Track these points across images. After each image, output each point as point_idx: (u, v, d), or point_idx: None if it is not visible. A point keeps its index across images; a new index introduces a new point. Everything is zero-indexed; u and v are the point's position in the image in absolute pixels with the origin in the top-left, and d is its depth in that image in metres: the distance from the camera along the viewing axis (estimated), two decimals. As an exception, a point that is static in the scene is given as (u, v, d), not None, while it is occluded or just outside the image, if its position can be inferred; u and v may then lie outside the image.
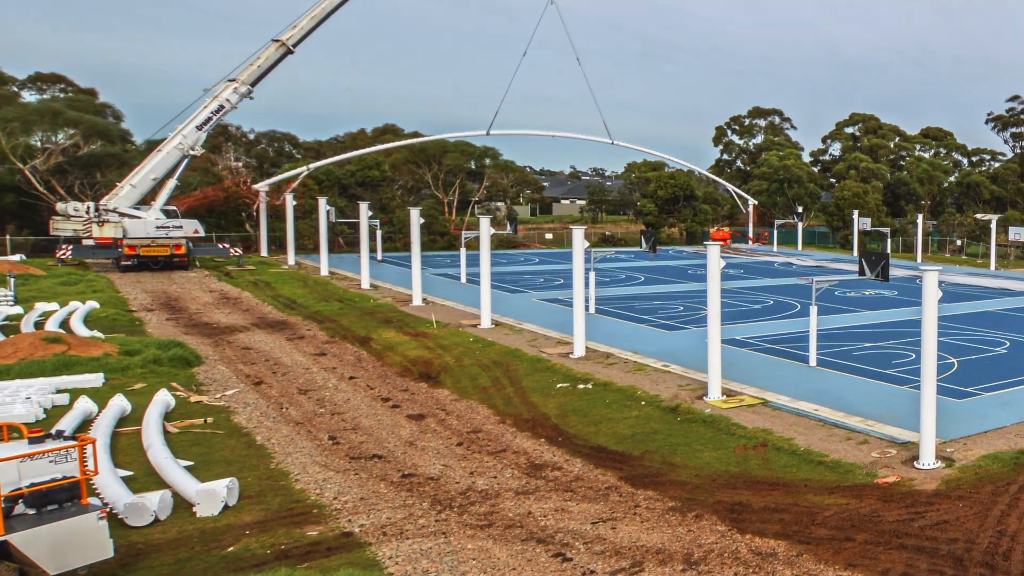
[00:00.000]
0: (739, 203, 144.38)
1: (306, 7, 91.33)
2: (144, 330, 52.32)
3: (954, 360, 45.58)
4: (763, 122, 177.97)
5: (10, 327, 50.23)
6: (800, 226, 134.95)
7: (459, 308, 63.41)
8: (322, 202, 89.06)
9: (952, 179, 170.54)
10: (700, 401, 36.78)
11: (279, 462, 28.87)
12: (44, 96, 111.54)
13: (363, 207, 77.02)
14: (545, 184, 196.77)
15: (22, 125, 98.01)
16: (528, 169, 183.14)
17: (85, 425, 31.53)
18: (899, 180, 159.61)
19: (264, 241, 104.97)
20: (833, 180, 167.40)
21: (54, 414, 33.11)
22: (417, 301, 65.28)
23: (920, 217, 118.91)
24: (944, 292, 31.42)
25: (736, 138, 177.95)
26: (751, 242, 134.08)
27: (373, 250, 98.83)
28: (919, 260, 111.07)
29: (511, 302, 66.58)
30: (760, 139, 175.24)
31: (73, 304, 57.90)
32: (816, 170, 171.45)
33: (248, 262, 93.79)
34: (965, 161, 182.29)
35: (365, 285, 75.02)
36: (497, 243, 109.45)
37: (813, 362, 44.18)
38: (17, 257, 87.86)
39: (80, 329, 49.64)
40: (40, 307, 56.47)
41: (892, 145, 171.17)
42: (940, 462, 29.01)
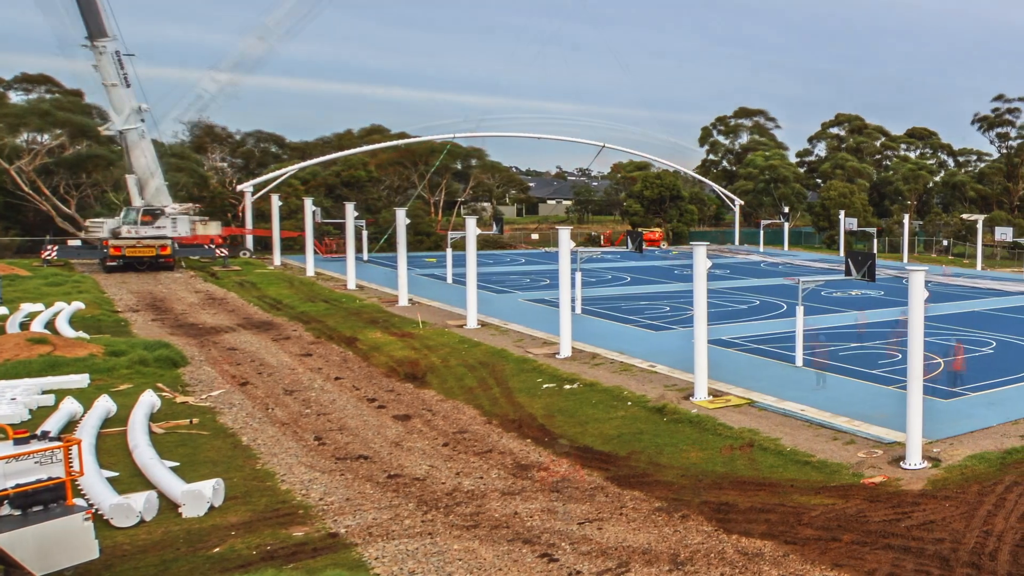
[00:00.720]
0: (727, 203, 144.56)
1: None
2: (130, 331, 52.21)
3: (940, 360, 45.71)
4: (749, 122, 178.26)
5: (-5, 328, 50.11)
6: (786, 226, 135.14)
7: (445, 308, 63.41)
8: (308, 202, 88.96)
9: (938, 179, 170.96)
10: (686, 401, 36.82)
11: (265, 463, 28.83)
12: (31, 97, 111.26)
13: (349, 208, 76.93)
14: (531, 184, 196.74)
15: (8, 126, 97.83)
16: (514, 169, 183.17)
17: (70, 426, 31.44)
18: (885, 180, 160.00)
19: (250, 241, 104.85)
20: (819, 180, 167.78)
21: (39, 415, 33.01)
22: (403, 302, 65.27)
23: (906, 217, 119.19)
24: (931, 292, 31.52)
25: (722, 138, 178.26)
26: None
27: (359, 250, 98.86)
28: (905, 260, 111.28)
29: (497, 302, 66.59)
30: (746, 139, 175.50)
31: (59, 305, 57.74)
32: (802, 170, 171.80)
33: (234, 263, 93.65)
34: (951, 161, 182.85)
35: (351, 286, 74.97)
36: (483, 244, 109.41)
37: (799, 362, 44.26)
38: None
39: (66, 330, 49.51)
40: (25, 308, 56.27)
41: (878, 144, 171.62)
42: (926, 462, 29.08)
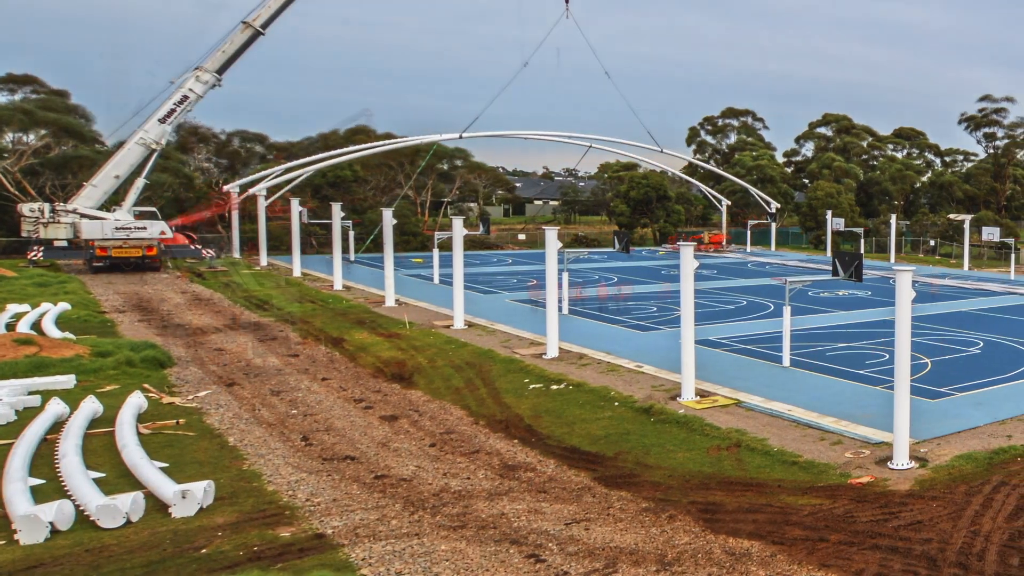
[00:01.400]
0: (714, 203, 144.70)
1: None
2: (116, 332, 52.08)
3: (928, 360, 45.80)
4: (736, 122, 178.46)
5: (-20, 329, 49.93)
6: (773, 227, 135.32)
7: (432, 309, 63.38)
8: (294, 202, 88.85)
9: (925, 179, 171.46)
10: (674, 402, 36.85)
11: (251, 463, 28.78)
12: (15, 97, 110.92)
13: (335, 208, 76.83)
14: (517, 185, 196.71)
15: None
16: (501, 170, 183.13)
17: (57, 427, 31.35)
18: (872, 180, 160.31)
19: (236, 242, 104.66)
20: (806, 180, 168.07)
21: (25, 416, 32.92)
22: (390, 302, 65.24)
23: (893, 217, 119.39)
24: (917, 292, 31.57)
25: (709, 138, 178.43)
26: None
27: (345, 251, 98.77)
28: (892, 260, 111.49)
29: (484, 303, 66.59)
30: (733, 139, 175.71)
31: (45, 305, 57.53)
32: (789, 170, 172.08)
33: (220, 263, 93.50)
34: (938, 161, 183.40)
35: (338, 286, 74.91)
36: (470, 244, 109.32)
37: (787, 362, 44.32)
38: None
39: (52, 331, 49.36)
40: (12, 308, 56.08)
41: (865, 145, 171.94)
42: (914, 462, 29.13)
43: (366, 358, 45.83)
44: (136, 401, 34.17)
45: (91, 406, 33.29)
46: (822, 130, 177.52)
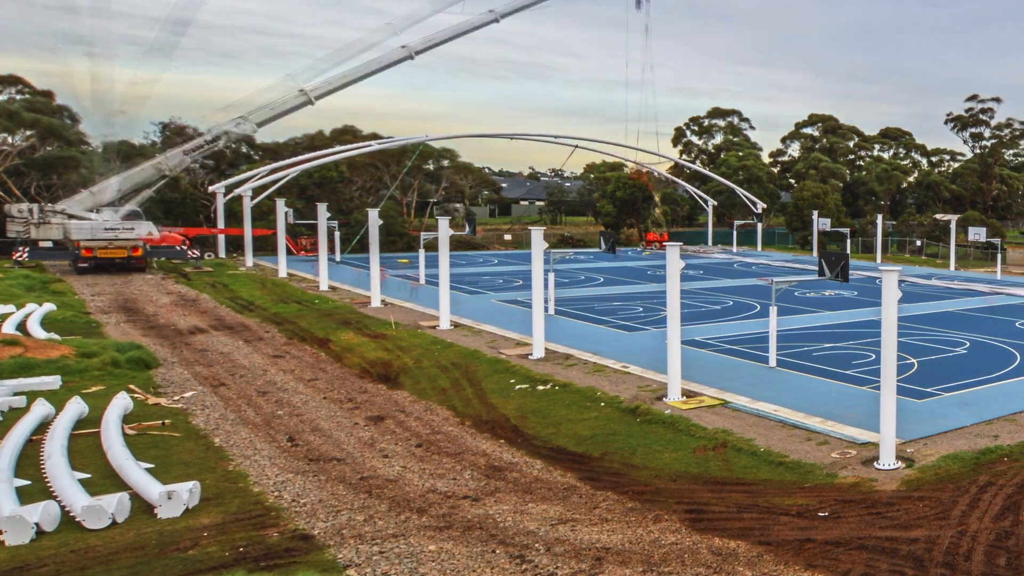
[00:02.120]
0: (700, 203, 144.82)
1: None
2: (102, 332, 51.96)
3: (914, 360, 45.88)
4: (722, 122, 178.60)
5: (-35, 329, 49.74)
6: (760, 227, 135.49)
7: (418, 309, 63.35)
8: (280, 203, 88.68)
9: (911, 179, 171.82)
10: (660, 402, 36.86)
11: (237, 464, 28.73)
12: (1, 98, 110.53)
13: (321, 208, 76.71)
14: (503, 185, 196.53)
15: None
16: (487, 170, 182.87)
17: (42, 428, 31.25)
18: (858, 180, 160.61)
19: (222, 242, 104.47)
20: (792, 181, 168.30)
21: (11, 417, 32.80)
22: (376, 303, 65.18)
23: (879, 217, 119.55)
24: (904, 292, 31.63)
25: (695, 139, 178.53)
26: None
27: (331, 251, 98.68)
28: (878, 260, 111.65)
29: (470, 303, 66.56)
30: (719, 139, 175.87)
31: (30, 306, 57.34)
32: (775, 171, 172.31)
33: (206, 264, 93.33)
34: (924, 161, 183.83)
35: (323, 287, 74.83)
36: (456, 245, 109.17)
37: (773, 363, 44.36)
38: None
39: (37, 331, 49.23)
40: (-4, 309, 56.00)
41: (851, 145, 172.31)
42: (900, 462, 29.17)
43: (352, 359, 45.78)
44: (122, 402, 34.08)
45: (76, 407, 33.20)
46: (809, 130, 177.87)
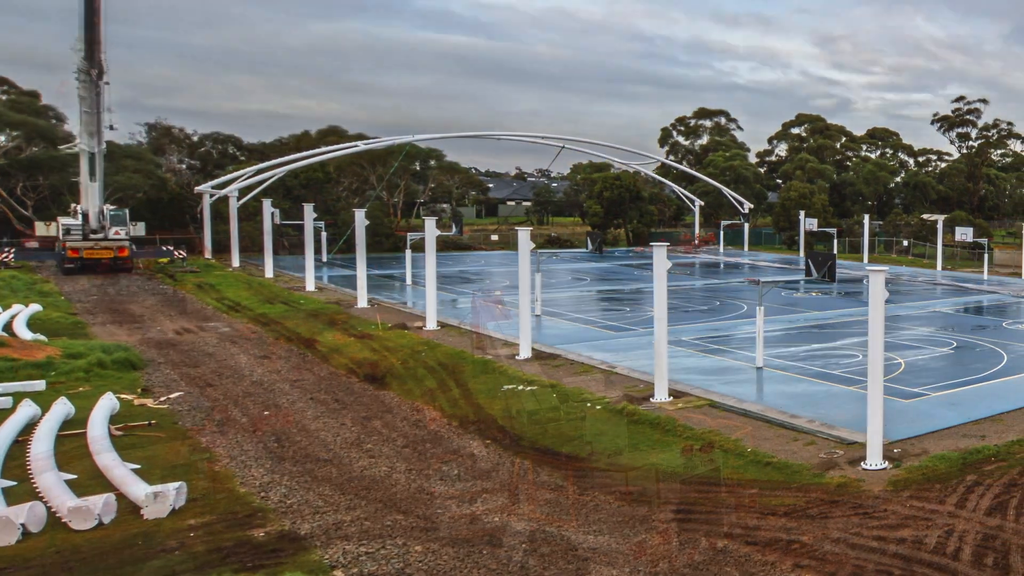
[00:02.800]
0: (687, 203, 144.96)
1: None
2: (88, 333, 51.85)
3: (901, 360, 45.96)
4: (709, 123, 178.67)
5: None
6: (746, 227, 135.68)
7: (405, 310, 63.30)
8: (266, 203, 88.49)
9: (899, 179, 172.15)
10: (647, 402, 36.87)
11: (224, 465, 28.68)
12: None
13: (308, 209, 76.59)
14: (490, 185, 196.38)
15: None
16: (473, 171, 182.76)
17: (28, 429, 31.16)
18: (845, 180, 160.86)
19: (208, 243, 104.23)
20: (779, 181, 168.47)
21: (-4, 418, 32.75)
22: (362, 303, 65.12)
23: (866, 217, 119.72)
24: (890, 292, 31.64)
25: (682, 139, 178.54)
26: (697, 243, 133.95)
27: (318, 252, 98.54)
28: (865, 261, 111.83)
29: (457, 304, 66.51)
30: (706, 140, 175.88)
31: (16, 307, 57.16)
32: (762, 171, 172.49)
33: (192, 264, 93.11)
34: (911, 161, 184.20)
35: (310, 287, 74.72)
36: (442, 245, 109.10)
37: (760, 363, 44.40)
38: None
39: (23, 332, 49.09)
40: (-18, 310, 55.82)
41: (838, 146, 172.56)
42: (887, 462, 29.20)
43: (339, 359, 45.73)
44: (108, 403, 34.02)
45: (63, 408, 33.13)
46: (796, 130, 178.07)
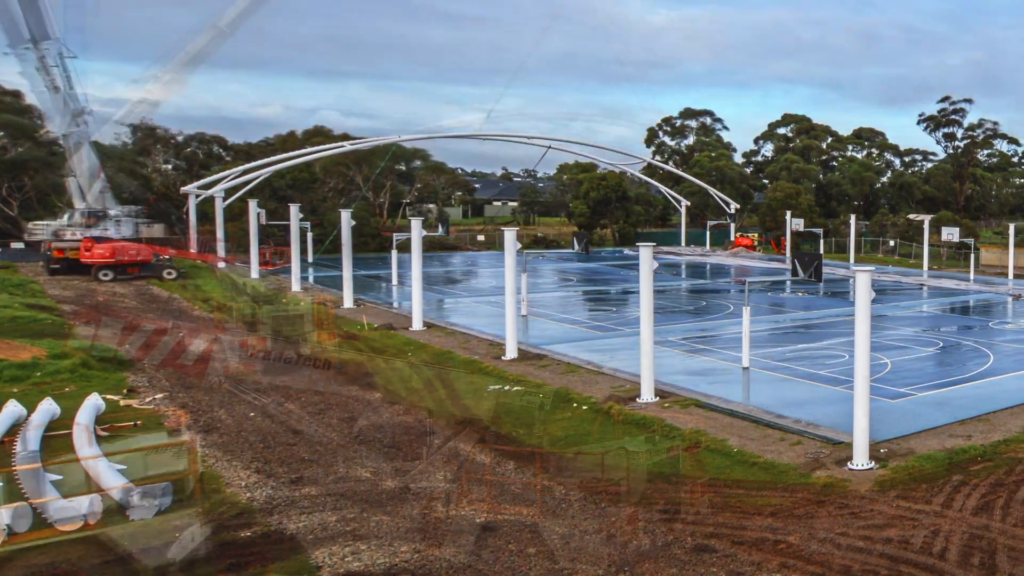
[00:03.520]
0: (673, 204, 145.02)
1: None
2: (73, 334, 51.67)
3: (888, 360, 46.04)
4: (695, 123, 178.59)
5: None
6: (733, 227, 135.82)
7: (391, 311, 63.25)
8: (252, 204, 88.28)
9: (885, 180, 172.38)
10: (633, 402, 36.90)
11: (210, 465, 28.64)
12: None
13: (294, 209, 76.48)
14: (477, 186, 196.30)
15: None
16: (459, 171, 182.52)
17: (14, 429, 31.06)
18: (831, 181, 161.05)
19: (193, 244, 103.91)
20: (765, 181, 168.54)
21: (-19, 419, 32.64)
22: (349, 303, 65.06)
23: (853, 218, 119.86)
24: (877, 292, 31.71)
25: (668, 139, 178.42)
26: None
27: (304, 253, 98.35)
28: (851, 260, 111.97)
29: (443, 304, 66.50)
30: (692, 140, 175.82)
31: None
32: (748, 171, 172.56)
33: (179, 263, 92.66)
34: (897, 161, 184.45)
35: (296, 288, 74.59)
36: (429, 245, 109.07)
37: (746, 363, 44.43)
38: None
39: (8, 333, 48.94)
40: (-34, 312, 55.59)
41: (824, 146, 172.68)
42: (874, 462, 29.28)
43: (324, 359, 45.66)
44: (94, 403, 33.93)
45: (48, 408, 33.04)
46: (782, 131, 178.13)
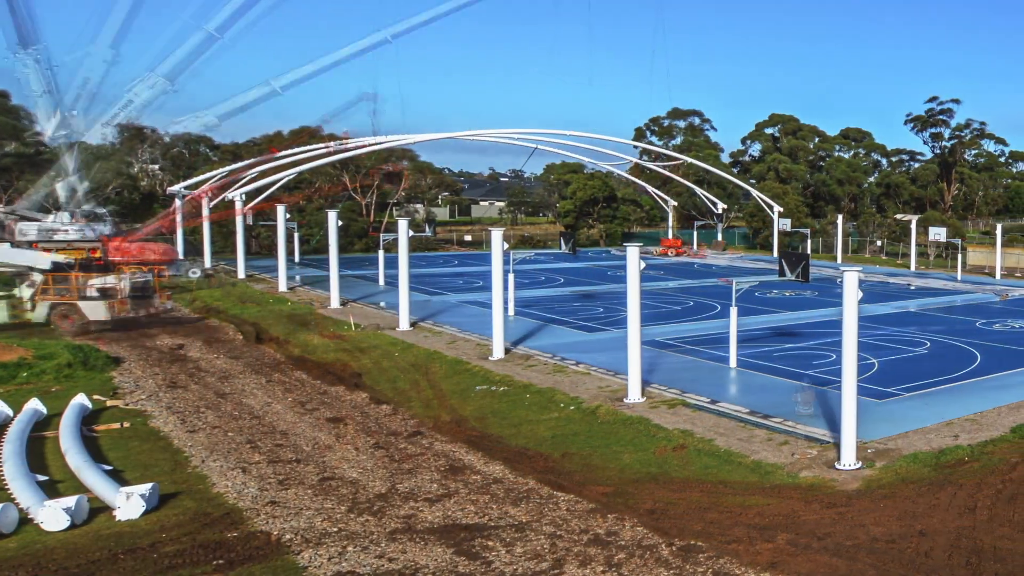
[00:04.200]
0: (660, 203, 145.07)
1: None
2: (59, 334, 51.58)
3: (875, 360, 46.10)
4: (682, 123, 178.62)
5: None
6: (720, 227, 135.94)
7: (378, 311, 63.20)
8: (238, 204, 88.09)
9: (872, 180, 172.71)
10: (620, 403, 36.90)
11: (196, 466, 28.63)
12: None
13: (280, 209, 76.37)
14: (464, 186, 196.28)
15: None
16: (446, 171, 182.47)
17: (0, 429, 31.02)
18: (819, 181, 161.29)
19: (180, 245, 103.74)
20: (753, 181, 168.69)
21: (-34, 420, 32.60)
22: (335, 304, 64.99)
23: (840, 218, 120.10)
24: (864, 292, 31.73)
25: (655, 139, 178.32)
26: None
27: (291, 252, 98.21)
28: (839, 260, 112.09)
29: (430, 304, 66.45)
30: (679, 140, 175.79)
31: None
32: (736, 171, 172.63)
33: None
34: (885, 161, 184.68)
35: (283, 288, 74.51)
36: (415, 245, 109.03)
37: (733, 363, 44.47)
38: None
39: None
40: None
41: (811, 146, 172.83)
42: (860, 463, 29.32)
43: (311, 360, 45.67)
44: (80, 403, 33.92)
45: (35, 408, 33.01)
46: (769, 131, 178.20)
